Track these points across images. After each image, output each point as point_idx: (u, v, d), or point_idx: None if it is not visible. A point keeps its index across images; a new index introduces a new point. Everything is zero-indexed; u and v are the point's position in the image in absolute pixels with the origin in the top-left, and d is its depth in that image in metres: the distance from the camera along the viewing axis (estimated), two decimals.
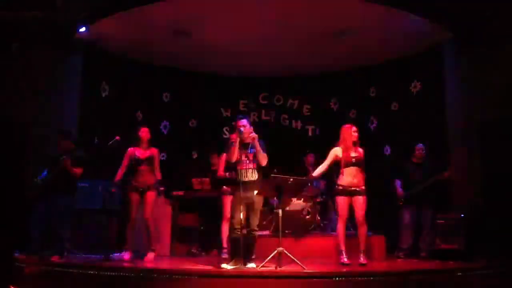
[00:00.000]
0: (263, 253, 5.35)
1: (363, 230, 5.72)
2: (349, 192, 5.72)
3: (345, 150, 5.80)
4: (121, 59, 8.39)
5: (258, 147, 5.28)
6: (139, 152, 6.12)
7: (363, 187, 5.75)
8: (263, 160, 5.31)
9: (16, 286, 4.97)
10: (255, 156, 5.33)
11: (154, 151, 6.23)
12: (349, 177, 5.74)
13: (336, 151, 5.85)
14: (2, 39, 7.09)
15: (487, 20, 6.90)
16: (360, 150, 5.86)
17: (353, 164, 5.74)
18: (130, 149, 6.16)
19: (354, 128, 5.88)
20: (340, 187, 5.78)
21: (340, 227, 5.79)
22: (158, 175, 6.19)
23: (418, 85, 8.19)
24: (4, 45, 7.13)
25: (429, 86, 7.99)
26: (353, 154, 5.78)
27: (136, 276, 4.87)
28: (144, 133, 6.20)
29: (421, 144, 6.97)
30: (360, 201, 5.70)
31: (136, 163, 6.05)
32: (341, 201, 5.76)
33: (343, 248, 5.72)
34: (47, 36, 7.13)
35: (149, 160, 6.11)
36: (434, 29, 7.30)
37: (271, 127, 9.43)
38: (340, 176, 5.80)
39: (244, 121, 5.42)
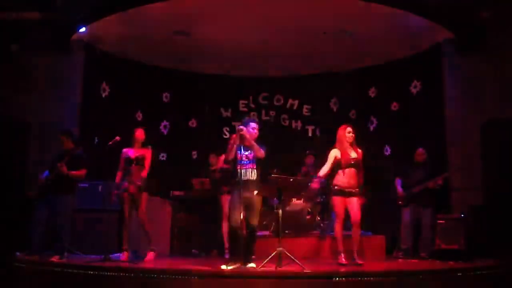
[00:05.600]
0: (263, 253, 5.35)
1: (358, 231, 5.68)
2: (345, 193, 5.68)
3: (344, 151, 5.75)
4: (121, 59, 8.39)
5: (251, 141, 5.27)
6: (131, 152, 6.08)
7: (358, 189, 5.71)
8: (258, 152, 5.28)
9: (16, 286, 4.98)
10: (254, 156, 5.33)
11: (146, 151, 6.13)
12: (347, 178, 5.69)
13: (335, 152, 5.80)
14: (3, 39, 7.10)
15: (486, 20, 6.90)
16: (359, 151, 5.81)
17: (352, 165, 5.70)
18: (124, 150, 6.12)
19: (348, 129, 5.81)
20: (337, 187, 5.72)
21: (338, 227, 5.75)
22: (144, 173, 6.01)
23: (418, 85, 8.19)
24: (4, 46, 7.14)
25: (429, 86, 7.99)
26: (352, 155, 5.74)
27: (136, 276, 4.87)
28: (139, 133, 6.16)
29: (421, 149, 6.96)
30: (355, 203, 5.66)
31: (127, 163, 6.01)
32: (338, 202, 5.72)
33: (341, 248, 5.70)
34: (47, 37, 7.14)
35: (140, 159, 6.03)
36: (434, 29, 7.31)
37: (271, 127, 9.42)
38: (338, 177, 5.74)
39: (253, 124, 5.45)
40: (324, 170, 5.81)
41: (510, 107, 6.75)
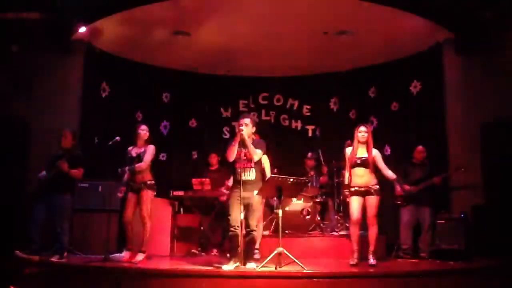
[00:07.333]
0: (263, 253, 5.35)
1: (373, 231, 5.62)
2: (361, 193, 5.63)
3: (352, 151, 5.73)
4: (121, 59, 8.39)
5: (247, 142, 5.24)
6: (133, 150, 6.00)
7: (376, 187, 5.63)
8: (254, 155, 5.23)
9: (16, 286, 4.98)
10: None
11: (147, 147, 5.98)
12: (356, 177, 5.66)
13: (346, 151, 5.80)
14: (3, 39, 7.10)
15: (486, 20, 6.90)
16: (374, 151, 5.73)
17: (358, 165, 5.65)
18: (129, 148, 6.07)
19: (360, 128, 5.76)
20: (352, 188, 5.67)
21: (352, 228, 5.69)
22: (140, 165, 5.84)
23: (418, 85, 8.18)
24: (4, 46, 7.14)
25: (429, 86, 7.99)
26: (359, 155, 5.68)
27: (136, 276, 4.87)
28: (143, 131, 6.06)
29: (421, 146, 6.96)
30: (371, 201, 5.59)
31: (129, 161, 5.97)
32: (353, 201, 5.64)
33: (355, 248, 5.63)
34: (47, 37, 7.14)
35: (141, 157, 5.89)
36: (434, 29, 7.31)
37: (271, 127, 9.42)
38: (351, 177, 5.72)
39: (246, 120, 5.38)
40: (346, 174, 5.78)
41: (510, 107, 6.74)
